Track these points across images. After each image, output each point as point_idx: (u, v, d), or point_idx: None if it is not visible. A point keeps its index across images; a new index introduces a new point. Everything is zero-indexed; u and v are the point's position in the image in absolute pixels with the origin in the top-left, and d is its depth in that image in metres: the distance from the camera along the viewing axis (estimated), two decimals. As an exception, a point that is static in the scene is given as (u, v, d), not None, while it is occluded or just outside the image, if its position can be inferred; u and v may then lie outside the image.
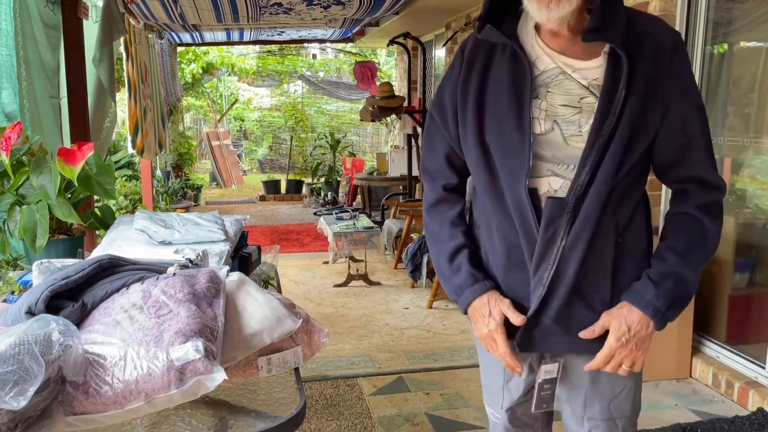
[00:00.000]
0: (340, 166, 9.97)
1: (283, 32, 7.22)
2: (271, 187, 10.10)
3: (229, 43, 8.57)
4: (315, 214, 8.23)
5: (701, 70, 3.28)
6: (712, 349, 3.21)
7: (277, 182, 10.28)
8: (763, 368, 2.91)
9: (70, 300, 1.18)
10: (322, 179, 9.80)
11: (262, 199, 9.91)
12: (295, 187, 10.14)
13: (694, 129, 1.27)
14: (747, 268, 3.20)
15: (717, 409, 2.88)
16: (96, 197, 2.42)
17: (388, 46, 7.19)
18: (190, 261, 1.42)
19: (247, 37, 7.66)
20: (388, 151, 8.61)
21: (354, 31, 7.51)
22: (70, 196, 1.90)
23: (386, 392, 3.07)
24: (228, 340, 1.15)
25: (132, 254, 1.53)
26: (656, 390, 3.07)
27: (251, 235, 2.21)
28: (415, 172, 6.88)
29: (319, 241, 6.37)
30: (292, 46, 10.99)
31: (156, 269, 1.32)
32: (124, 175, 7.01)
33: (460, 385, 3.13)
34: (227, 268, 1.33)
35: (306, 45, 10.92)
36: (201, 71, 10.03)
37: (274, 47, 11.03)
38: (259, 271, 2.08)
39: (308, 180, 10.17)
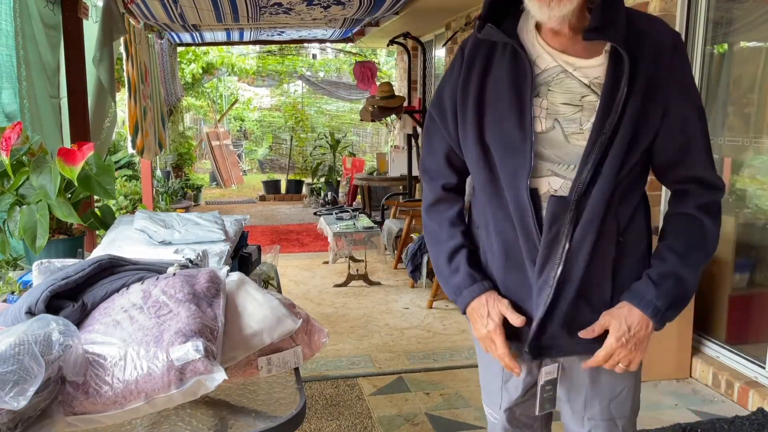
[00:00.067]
0: (340, 166, 9.96)
1: (283, 32, 7.22)
2: (271, 187, 10.10)
3: (229, 43, 8.57)
4: (315, 214, 8.23)
5: (701, 70, 3.28)
6: (712, 349, 3.21)
7: (277, 182, 10.28)
8: (763, 368, 2.91)
9: (70, 300, 1.18)
10: (322, 179, 9.80)
11: (262, 199, 9.91)
12: (295, 187, 10.14)
13: (693, 129, 1.27)
14: (747, 268, 3.20)
15: (717, 409, 2.88)
16: (96, 197, 2.42)
17: (388, 46, 7.19)
18: (190, 261, 1.42)
19: (247, 37, 7.66)
20: (388, 151, 8.61)
21: (354, 31, 7.51)
22: (70, 196, 1.90)
23: (386, 392, 3.07)
24: (228, 340, 1.15)
25: (132, 254, 1.53)
26: (656, 390, 3.07)
27: (251, 235, 2.21)
28: (415, 172, 6.87)
29: (319, 241, 6.37)
30: (292, 46, 10.98)
31: (156, 269, 1.32)
32: (124, 175, 7.01)
33: (460, 385, 3.13)
34: (227, 268, 1.33)
35: (306, 45, 10.92)
36: (201, 71, 10.03)
37: (274, 47, 11.03)
38: (259, 271, 2.08)
39: (308, 180, 10.17)
